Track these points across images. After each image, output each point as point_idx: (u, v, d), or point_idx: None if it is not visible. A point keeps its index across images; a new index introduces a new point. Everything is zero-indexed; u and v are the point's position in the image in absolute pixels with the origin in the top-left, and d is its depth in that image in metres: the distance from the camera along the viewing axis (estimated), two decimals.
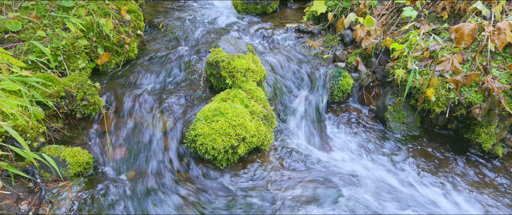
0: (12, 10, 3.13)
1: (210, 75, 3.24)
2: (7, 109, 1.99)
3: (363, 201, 2.49)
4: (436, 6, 3.61)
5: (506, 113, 2.75)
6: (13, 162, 2.33)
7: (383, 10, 3.93)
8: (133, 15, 3.77)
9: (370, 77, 3.61)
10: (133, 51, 3.62)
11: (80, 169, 2.50)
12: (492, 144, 2.85)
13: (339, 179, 2.69)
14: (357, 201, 2.49)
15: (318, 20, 4.58)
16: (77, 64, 3.08)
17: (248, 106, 2.86)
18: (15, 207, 2.14)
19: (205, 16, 4.74)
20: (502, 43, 2.67)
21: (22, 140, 1.81)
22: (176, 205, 2.43)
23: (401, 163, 2.92)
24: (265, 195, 2.52)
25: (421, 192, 2.63)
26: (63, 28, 3.14)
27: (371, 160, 2.95)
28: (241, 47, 3.32)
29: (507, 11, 3.16)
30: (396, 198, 2.54)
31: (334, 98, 3.50)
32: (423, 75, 3.07)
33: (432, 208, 2.48)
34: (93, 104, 2.83)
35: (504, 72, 2.84)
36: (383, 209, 2.44)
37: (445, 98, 2.93)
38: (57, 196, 2.34)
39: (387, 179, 2.74)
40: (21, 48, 2.86)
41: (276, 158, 2.88)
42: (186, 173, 2.70)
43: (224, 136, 2.56)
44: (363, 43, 3.60)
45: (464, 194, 2.64)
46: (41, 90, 2.58)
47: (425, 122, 3.26)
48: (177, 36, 4.18)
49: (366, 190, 2.59)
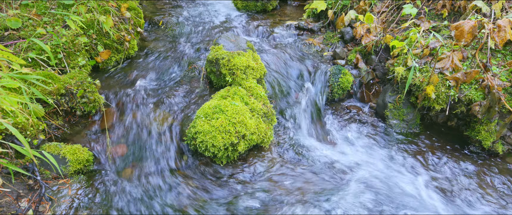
0: (12, 7, 3.13)
1: (210, 72, 3.24)
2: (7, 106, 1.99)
3: (363, 199, 2.49)
4: (436, 4, 3.60)
5: (506, 110, 2.75)
6: (13, 159, 2.34)
7: (383, 7, 3.92)
8: (133, 13, 3.77)
9: (370, 74, 3.61)
10: (133, 48, 3.62)
11: (80, 166, 2.51)
12: (492, 141, 2.85)
13: (340, 176, 2.69)
14: (357, 199, 2.49)
15: (318, 17, 4.57)
16: (77, 61, 3.07)
17: (248, 103, 2.87)
18: (15, 205, 2.14)
19: (205, 13, 4.73)
20: (502, 40, 2.67)
21: (22, 137, 1.81)
22: (176, 202, 2.44)
23: (401, 160, 2.92)
24: (266, 192, 2.53)
25: (420, 190, 2.63)
26: (63, 26, 3.13)
27: (371, 157, 2.95)
28: (241, 45, 3.31)
29: (507, 8, 3.16)
30: (396, 197, 2.54)
31: (334, 95, 3.50)
32: (423, 72, 3.07)
33: (431, 207, 2.48)
34: (93, 102, 2.83)
35: (504, 70, 2.84)
36: (383, 208, 2.44)
37: (445, 96, 2.93)
38: (57, 194, 2.35)
39: (387, 177, 2.74)
40: (21, 46, 2.86)
41: (276, 155, 2.88)
42: (186, 170, 2.70)
43: (224, 133, 2.56)
44: (363, 40, 3.60)
45: (463, 192, 2.64)
46: (41, 87, 2.58)
47: (425, 119, 3.27)
48: (177, 33, 4.17)
49: (367, 188, 2.59)
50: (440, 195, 2.59)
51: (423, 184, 2.70)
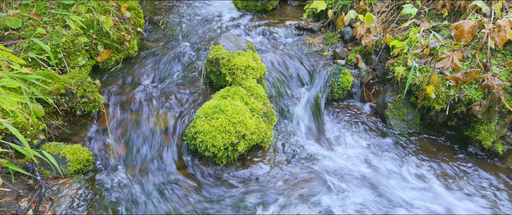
0: (12, 7, 3.13)
1: (210, 72, 3.24)
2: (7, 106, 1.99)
3: (363, 198, 2.49)
4: (436, 4, 3.60)
5: (506, 110, 2.75)
6: (13, 159, 2.34)
7: (383, 7, 3.92)
8: (133, 13, 3.77)
9: (370, 74, 3.61)
10: (133, 48, 3.62)
11: (80, 166, 2.51)
12: (492, 141, 2.85)
13: (339, 175, 2.69)
14: (357, 198, 2.49)
15: (318, 17, 4.57)
16: (77, 61, 3.07)
17: (248, 103, 2.87)
18: (15, 204, 2.14)
19: (205, 13, 4.73)
20: (502, 40, 2.67)
21: (22, 137, 1.81)
22: (176, 202, 2.44)
23: (401, 160, 2.92)
24: (266, 192, 2.53)
25: (419, 189, 2.63)
26: (63, 26, 3.13)
27: (371, 156, 2.95)
28: (241, 45, 3.31)
29: (507, 8, 3.16)
30: (395, 196, 2.55)
31: (334, 95, 3.50)
32: (423, 72, 3.07)
33: (430, 206, 2.48)
34: (93, 102, 2.83)
35: (504, 70, 2.84)
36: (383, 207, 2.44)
37: (445, 96, 2.93)
38: (57, 193, 2.35)
39: (387, 176, 2.74)
40: (21, 46, 2.86)
41: (276, 154, 2.88)
42: (186, 170, 2.70)
43: (224, 133, 2.56)
44: (363, 40, 3.59)
45: (463, 191, 2.64)
46: (41, 87, 2.58)
47: (425, 119, 3.27)
48: (177, 33, 4.17)
49: (367, 187, 2.59)
50: (439, 192, 2.59)
51: (423, 183, 2.70)
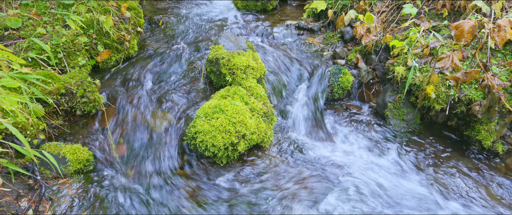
0: (12, 7, 3.12)
1: (210, 72, 3.24)
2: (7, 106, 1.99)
3: (363, 199, 2.49)
4: (436, 3, 3.60)
5: (506, 110, 2.75)
6: (13, 159, 2.34)
7: (383, 7, 3.92)
8: (133, 12, 3.76)
9: (370, 74, 3.61)
10: (133, 48, 3.62)
11: (80, 166, 2.51)
12: (492, 141, 2.85)
13: (339, 175, 2.69)
14: (357, 198, 2.49)
15: (318, 17, 4.57)
16: (77, 61, 3.07)
17: (248, 103, 2.87)
18: (15, 204, 2.14)
19: (205, 13, 4.73)
20: (502, 40, 2.67)
21: (22, 137, 1.81)
22: (176, 202, 2.44)
23: (402, 160, 2.92)
24: (266, 192, 2.53)
25: (419, 189, 2.63)
26: (63, 25, 3.13)
27: (371, 156, 2.95)
28: (241, 44, 3.31)
29: (507, 8, 3.16)
30: (395, 195, 2.55)
31: (334, 95, 3.50)
32: (423, 72, 3.07)
33: (430, 206, 2.48)
34: (93, 102, 2.83)
35: (504, 70, 2.84)
36: (383, 208, 2.44)
37: (445, 96, 2.93)
38: (57, 193, 2.35)
39: (387, 177, 2.74)
40: (21, 45, 2.86)
41: (276, 154, 2.88)
42: (186, 170, 2.70)
43: (224, 133, 2.56)
44: (363, 40, 3.59)
45: (463, 192, 2.64)
46: (41, 87, 2.58)
47: (425, 119, 3.26)
48: (177, 33, 4.17)
49: (367, 187, 2.59)
50: (438, 193, 2.59)
51: (423, 183, 2.70)
